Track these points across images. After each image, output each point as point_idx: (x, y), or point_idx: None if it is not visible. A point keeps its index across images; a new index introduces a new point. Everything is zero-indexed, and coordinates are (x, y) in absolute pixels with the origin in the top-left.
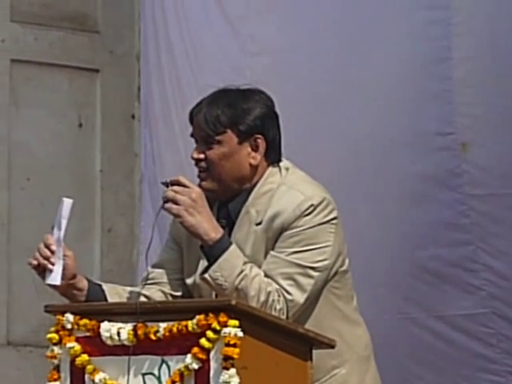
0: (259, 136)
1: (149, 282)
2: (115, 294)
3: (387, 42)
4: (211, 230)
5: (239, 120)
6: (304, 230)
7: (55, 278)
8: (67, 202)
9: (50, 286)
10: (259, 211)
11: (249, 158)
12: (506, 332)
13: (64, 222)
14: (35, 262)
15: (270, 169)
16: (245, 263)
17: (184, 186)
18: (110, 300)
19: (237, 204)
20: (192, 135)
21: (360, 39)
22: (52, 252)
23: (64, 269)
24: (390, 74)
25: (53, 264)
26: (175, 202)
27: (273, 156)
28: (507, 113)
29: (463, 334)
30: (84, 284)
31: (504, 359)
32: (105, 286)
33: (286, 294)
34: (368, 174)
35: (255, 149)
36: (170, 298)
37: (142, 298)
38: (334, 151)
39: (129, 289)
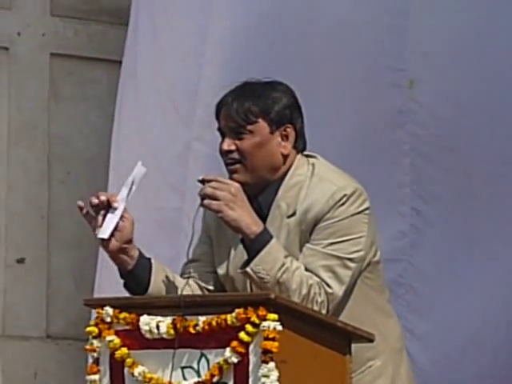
0: (289, 125)
1: (185, 276)
2: (161, 271)
3: None
4: (252, 223)
5: (270, 109)
6: (339, 220)
7: (105, 231)
8: (140, 168)
9: (102, 244)
10: (289, 204)
11: (280, 148)
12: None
13: (134, 187)
14: (81, 204)
15: (298, 160)
16: (286, 256)
17: (222, 182)
18: (153, 277)
19: (266, 197)
20: (219, 129)
21: None
22: (110, 205)
23: (120, 230)
24: (350, 7)
25: (105, 215)
26: (214, 198)
27: (300, 145)
28: (457, 52)
29: None
30: (135, 253)
31: None
32: (154, 262)
33: (326, 287)
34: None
35: (285, 138)
36: (206, 292)
37: (186, 291)
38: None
39: (175, 276)
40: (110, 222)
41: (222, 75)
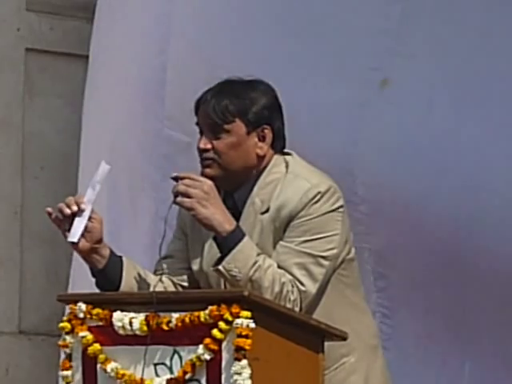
0: (266, 126)
1: (158, 272)
2: (132, 269)
3: None
4: (225, 221)
5: (247, 110)
6: (312, 218)
7: (74, 234)
8: (105, 167)
9: (72, 246)
10: (264, 200)
11: (256, 148)
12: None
13: (98, 186)
14: (50, 210)
15: (275, 158)
16: (258, 254)
17: (194, 179)
18: (124, 274)
19: (242, 194)
20: (197, 124)
21: None
22: (79, 207)
23: (89, 231)
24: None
25: (74, 218)
26: (187, 196)
27: (278, 146)
28: (436, 55)
29: None
30: (107, 252)
31: None
32: (125, 260)
33: (299, 285)
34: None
35: (262, 139)
36: (180, 288)
37: (159, 288)
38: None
39: (147, 273)
40: (79, 224)
41: (189, 62)
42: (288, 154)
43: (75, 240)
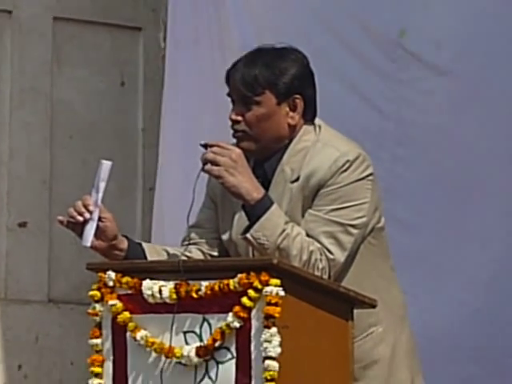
0: (297, 96)
1: (187, 242)
2: (155, 253)
3: None
4: (253, 189)
5: (277, 80)
6: (341, 186)
7: (86, 239)
8: (106, 165)
9: (89, 247)
10: (294, 169)
11: (287, 118)
12: None
13: (102, 185)
14: (62, 218)
15: (305, 126)
16: (286, 222)
17: (223, 147)
18: (149, 259)
19: (272, 163)
20: (229, 95)
21: None
22: (88, 211)
23: (103, 231)
24: None
25: (86, 222)
26: (215, 164)
27: (310, 114)
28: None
29: None
30: (125, 244)
31: None
32: (145, 245)
33: (327, 253)
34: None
35: (293, 109)
36: (209, 258)
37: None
38: None
39: (169, 248)
40: (90, 228)
41: None
42: (320, 125)
43: (88, 244)
